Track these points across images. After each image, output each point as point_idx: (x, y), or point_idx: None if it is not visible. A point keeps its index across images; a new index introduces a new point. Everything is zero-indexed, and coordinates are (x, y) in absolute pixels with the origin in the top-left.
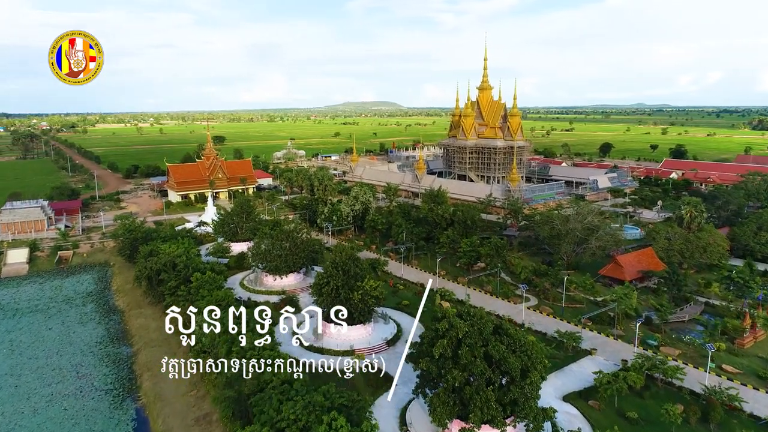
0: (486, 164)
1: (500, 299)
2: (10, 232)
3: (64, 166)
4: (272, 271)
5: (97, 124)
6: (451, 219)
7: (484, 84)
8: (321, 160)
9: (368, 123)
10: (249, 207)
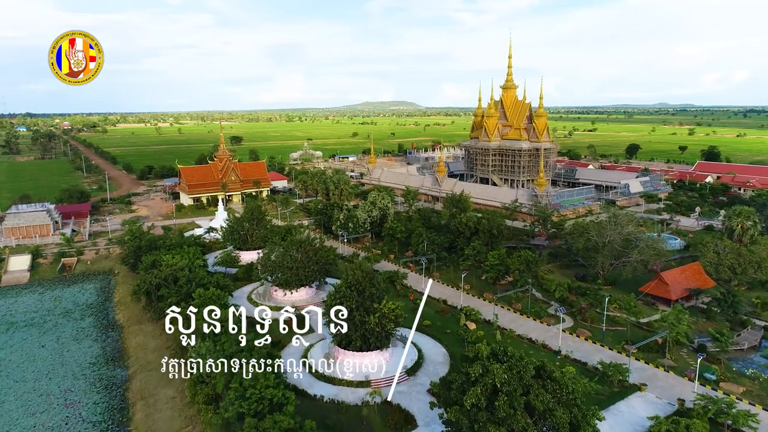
0: (510, 167)
1: (531, 319)
2: (14, 237)
3: (79, 166)
4: (282, 285)
5: (118, 124)
6: (476, 228)
7: (508, 83)
8: (338, 162)
9: (386, 123)
10: (260, 213)
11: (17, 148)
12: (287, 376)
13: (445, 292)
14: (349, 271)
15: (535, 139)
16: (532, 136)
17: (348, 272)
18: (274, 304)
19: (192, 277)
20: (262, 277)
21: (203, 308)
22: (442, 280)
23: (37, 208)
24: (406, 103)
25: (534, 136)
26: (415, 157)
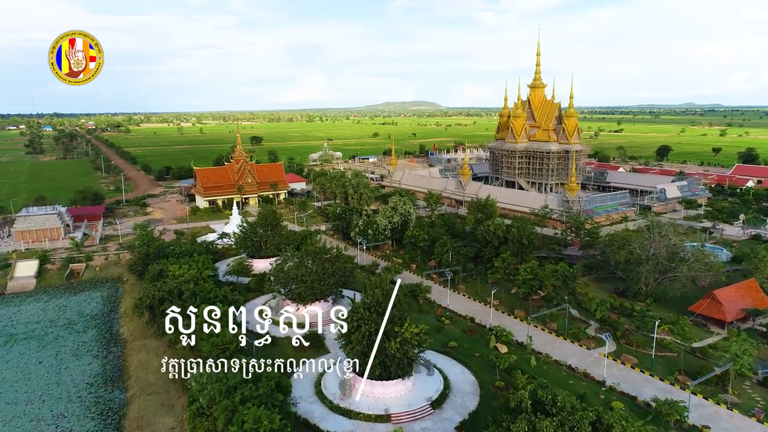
0: (538, 170)
1: (569, 342)
2: (24, 240)
3: (99, 166)
4: (295, 299)
5: (141, 124)
6: (504, 237)
7: (536, 81)
8: (358, 163)
9: (407, 123)
10: (274, 219)
11: (41, 148)
12: (297, 407)
13: (472, 308)
14: (367, 290)
15: (565, 141)
16: (561, 138)
17: (366, 291)
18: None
19: (197, 291)
20: (275, 289)
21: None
22: (469, 294)
23: (48, 211)
24: (427, 103)
25: (563, 138)
26: (437, 159)
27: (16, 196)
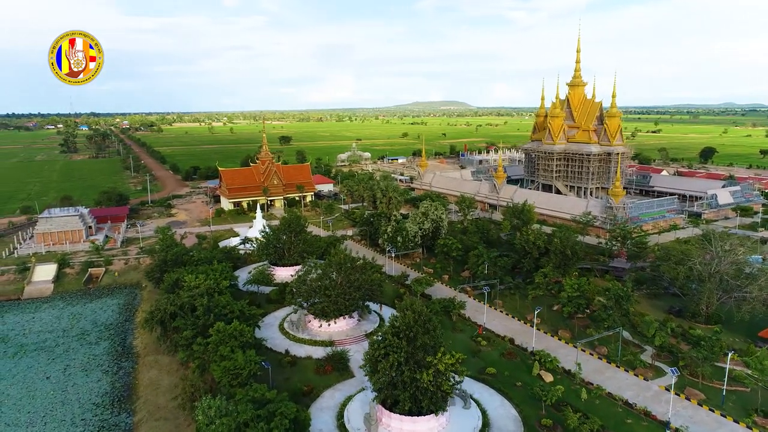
0: (577, 173)
1: (622, 370)
2: (45, 243)
3: (128, 166)
4: (318, 314)
5: (174, 123)
6: (545, 247)
7: (576, 80)
8: (387, 163)
9: (437, 123)
10: (298, 225)
11: (74, 147)
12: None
13: (511, 327)
14: (397, 313)
15: (606, 142)
16: (602, 139)
17: (399, 314)
18: (309, 336)
19: (212, 306)
20: (296, 303)
21: (220, 349)
22: (506, 310)
23: (70, 213)
24: (456, 103)
25: (605, 139)
26: (469, 160)
27: (45, 196)
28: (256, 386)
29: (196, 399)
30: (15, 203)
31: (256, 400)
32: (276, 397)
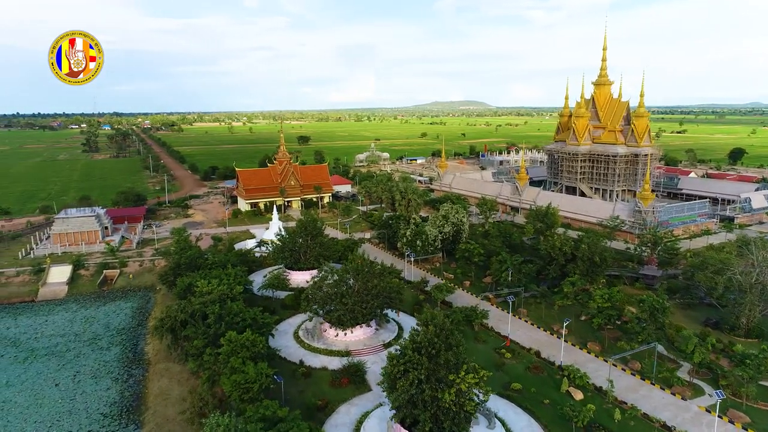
0: (602, 175)
1: (657, 388)
2: (61, 243)
3: (148, 165)
4: (334, 323)
5: (194, 123)
6: (572, 254)
7: (602, 78)
8: (406, 164)
9: (456, 123)
10: (315, 228)
11: (96, 147)
12: None
13: (538, 339)
14: (418, 325)
15: (634, 143)
16: (629, 140)
17: (420, 327)
18: (324, 345)
19: (223, 314)
20: (311, 310)
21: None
22: (531, 319)
23: (86, 213)
24: (475, 103)
25: (632, 140)
26: (489, 161)
27: (65, 195)
28: (268, 403)
29: (204, 414)
30: (35, 203)
31: (267, 418)
32: (288, 415)
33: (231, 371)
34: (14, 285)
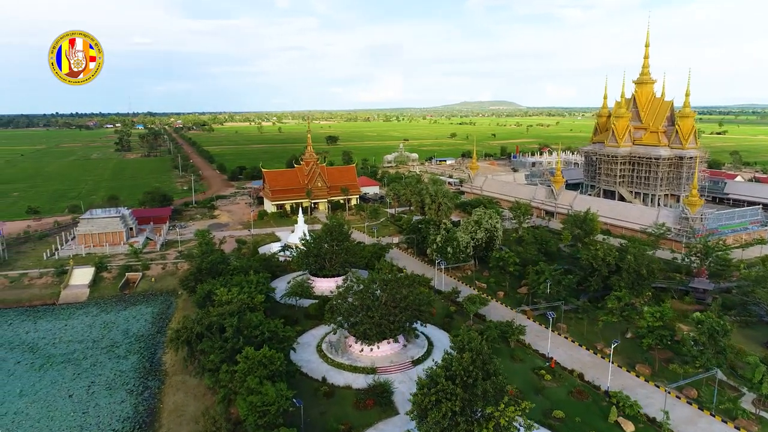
0: (644, 178)
1: (719, 420)
2: (85, 244)
3: (177, 165)
4: (359, 337)
5: (225, 123)
6: (616, 265)
7: (644, 77)
8: (435, 165)
9: (486, 123)
10: (341, 233)
11: (128, 146)
12: None
13: (580, 359)
14: (456, 353)
15: (678, 145)
16: (673, 141)
17: (455, 352)
18: (349, 361)
19: (242, 327)
20: (335, 322)
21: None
22: (572, 336)
23: (111, 214)
24: (505, 103)
25: (676, 141)
26: (521, 162)
27: (94, 194)
28: (285, 431)
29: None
30: (65, 202)
31: None
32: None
33: (247, 391)
34: (37, 287)
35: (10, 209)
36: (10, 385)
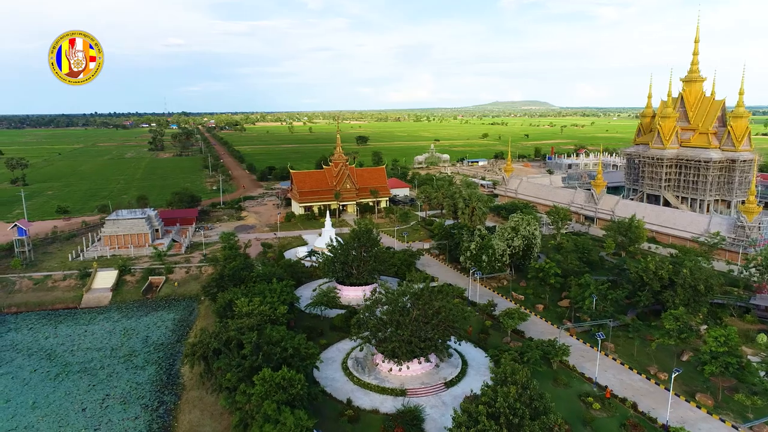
0: (691, 182)
1: None
2: (110, 246)
3: (207, 164)
4: (388, 355)
5: (257, 123)
6: (670, 279)
7: (692, 74)
8: (466, 166)
9: (518, 123)
10: (370, 239)
11: (161, 145)
12: None
13: (631, 384)
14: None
15: (730, 147)
16: (725, 143)
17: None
18: (376, 381)
19: (261, 343)
20: (362, 338)
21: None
22: (621, 357)
23: (136, 215)
24: (537, 103)
25: (728, 143)
26: (557, 164)
27: (125, 194)
28: None
29: None
30: (96, 201)
31: None
32: None
33: (263, 418)
34: (60, 289)
35: (43, 208)
36: (24, 396)
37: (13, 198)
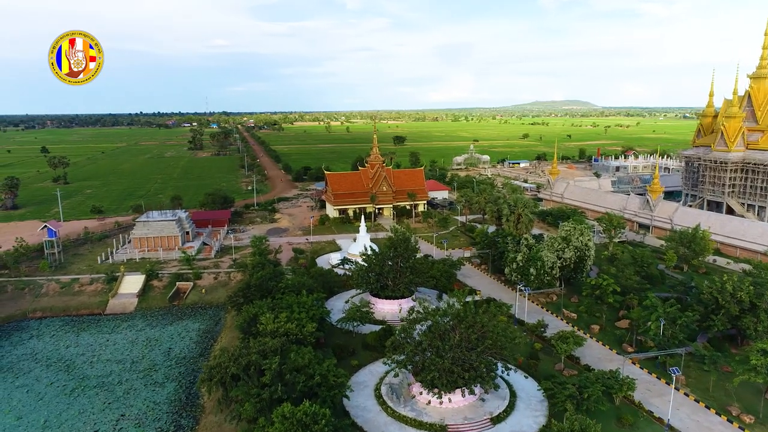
0: (760, 189)
1: None
2: (140, 248)
3: (243, 164)
4: (427, 385)
5: (295, 122)
6: (751, 302)
7: (762, 70)
8: (507, 168)
9: (559, 123)
10: (407, 248)
11: (200, 144)
12: None
13: (710, 428)
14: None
15: None
16: None
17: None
18: (413, 414)
19: (284, 370)
20: (398, 363)
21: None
22: (694, 393)
23: (167, 217)
24: (579, 102)
25: None
26: (603, 166)
27: (161, 193)
28: None
29: None
30: (132, 200)
31: None
32: None
33: None
34: (86, 294)
35: (80, 207)
36: (36, 413)
37: (54, 197)
